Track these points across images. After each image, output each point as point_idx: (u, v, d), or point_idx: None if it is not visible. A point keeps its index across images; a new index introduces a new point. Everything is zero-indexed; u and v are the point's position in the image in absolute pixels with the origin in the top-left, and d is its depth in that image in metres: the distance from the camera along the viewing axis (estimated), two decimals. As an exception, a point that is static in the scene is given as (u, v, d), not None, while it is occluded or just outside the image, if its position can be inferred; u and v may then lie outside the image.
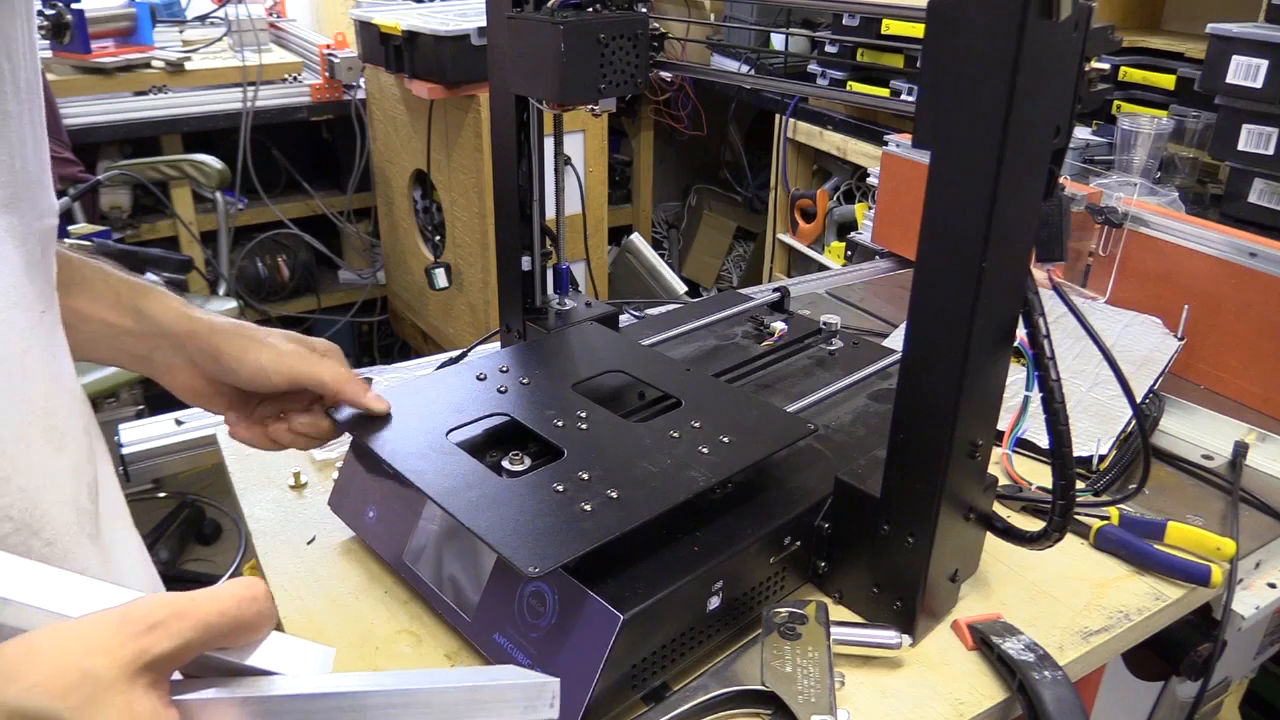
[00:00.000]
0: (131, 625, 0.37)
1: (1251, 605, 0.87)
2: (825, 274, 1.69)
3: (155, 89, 2.58)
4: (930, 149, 0.62)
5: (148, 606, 0.38)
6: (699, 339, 1.08)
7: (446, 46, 2.20)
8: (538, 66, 0.90)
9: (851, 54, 2.33)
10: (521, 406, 0.82)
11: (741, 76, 2.26)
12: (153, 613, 0.37)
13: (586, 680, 0.63)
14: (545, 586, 0.68)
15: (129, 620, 0.37)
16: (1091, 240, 1.27)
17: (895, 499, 0.72)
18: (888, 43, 2.18)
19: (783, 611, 0.73)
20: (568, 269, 1.08)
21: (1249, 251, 1.11)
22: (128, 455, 1.09)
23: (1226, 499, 0.97)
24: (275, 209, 2.89)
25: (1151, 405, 1.09)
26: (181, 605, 0.38)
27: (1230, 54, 1.47)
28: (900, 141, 1.56)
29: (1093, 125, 1.86)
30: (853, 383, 0.97)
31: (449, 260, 2.54)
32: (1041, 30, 0.56)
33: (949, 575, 0.76)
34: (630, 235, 3.08)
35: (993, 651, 0.73)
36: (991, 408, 0.72)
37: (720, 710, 0.68)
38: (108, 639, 0.36)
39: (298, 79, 2.76)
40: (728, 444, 0.76)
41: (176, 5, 2.94)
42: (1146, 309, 1.21)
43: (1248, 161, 1.50)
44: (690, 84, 2.96)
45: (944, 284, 0.64)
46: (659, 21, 0.95)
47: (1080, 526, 0.88)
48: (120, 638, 0.37)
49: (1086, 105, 0.65)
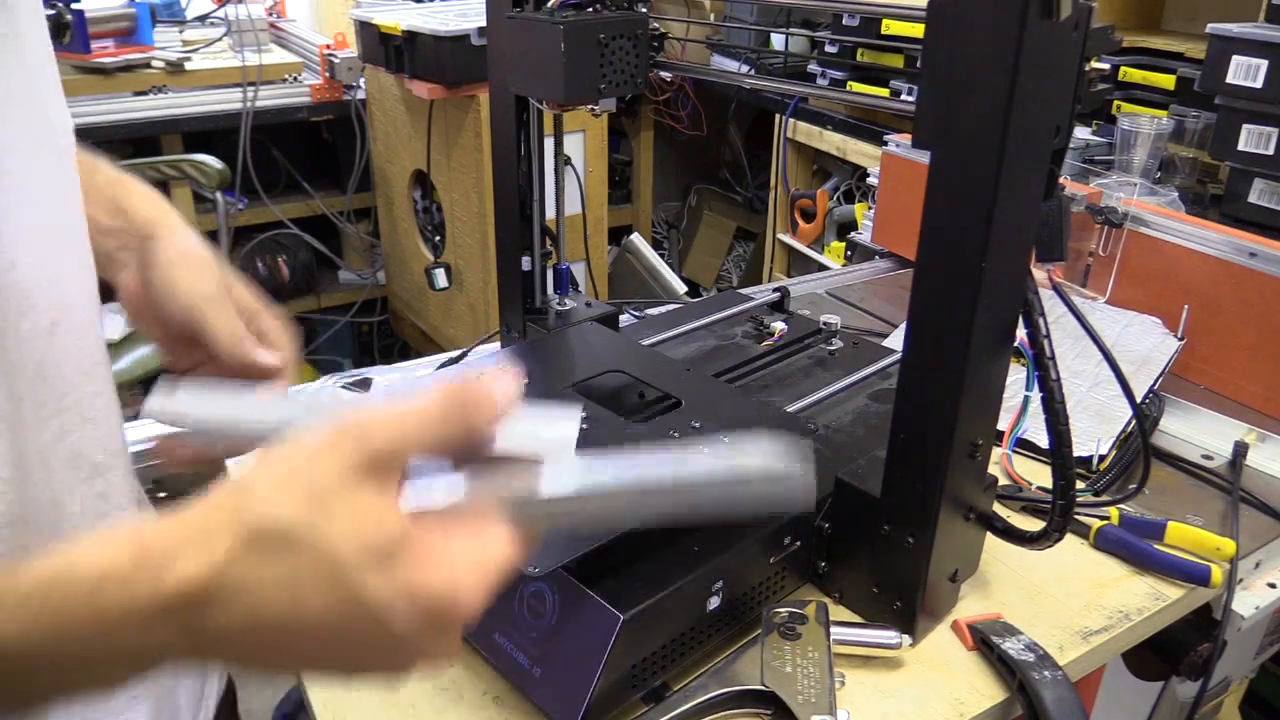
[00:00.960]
0: (351, 437, 0.38)
1: (1251, 605, 0.87)
2: (825, 274, 1.69)
3: (155, 89, 2.58)
4: (930, 149, 0.62)
5: (368, 419, 0.39)
6: (699, 339, 1.08)
7: (446, 46, 2.20)
8: (538, 66, 0.90)
9: (851, 54, 2.33)
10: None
11: (741, 76, 2.26)
12: (374, 426, 0.39)
13: (586, 680, 0.63)
14: (545, 586, 0.68)
15: (346, 433, 0.38)
16: (1091, 240, 1.27)
17: (895, 499, 0.72)
18: (888, 43, 2.18)
19: (783, 611, 0.73)
20: (568, 269, 1.08)
21: (1249, 251, 1.11)
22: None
23: (1226, 499, 0.97)
24: (275, 209, 2.89)
25: (1151, 405, 1.09)
26: (400, 421, 0.39)
27: (1230, 54, 1.47)
28: (900, 141, 1.56)
29: (1093, 125, 1.86)
30: (853, 383, 0.97)
31: (449, 260, 2.54)
32: (1041, 30, 0.56)
33: (949, 575, 0.76)
34: (630, 235, 3.08)
35: (993, 651, 0.73)
36: (991, 408, 0.72)
37: (720, 710, 0.68)
38: (325, 445, 0.38)
39: (298, 79, 2.76)
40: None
41: (176, 5, 2.93)
42: (1146, 309, 1.21)
43: (1248, 161, 1.50)
44: (690, 84, 2.96)
45: (944, 284, 0.64)
46: (659, 21, 0.95)
47: (1080, 526, 0.88)
48: (346, 447, 0.38)
49: (1086, 105, 0.65)
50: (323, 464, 0.37)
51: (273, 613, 0.37)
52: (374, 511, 0.37)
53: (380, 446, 0.38)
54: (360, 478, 0.38)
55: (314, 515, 0.37)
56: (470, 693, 0.70)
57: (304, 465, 0.38)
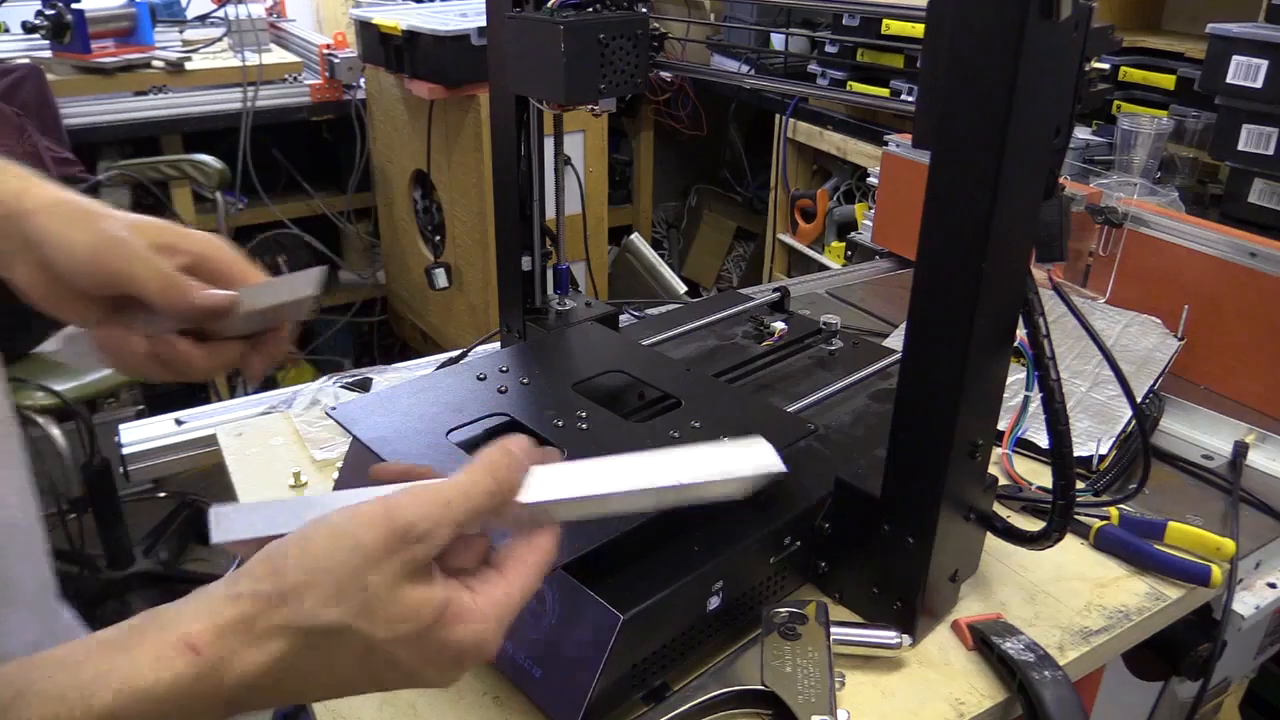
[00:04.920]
0: (397, 538, 0.42)
1: (1251, 605, 0.87)
2: (825, 274, 1.69)
3: (155, 89, 2.58)
4: (930, 149, 0.62)
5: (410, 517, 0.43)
6: (699, 339, 1.08)
7: (446, 46, 2.20)
8: (538, 66, 0.90)
9: (851, 54, 2.33)
10: (521, 406, 0.82)
11: (741, 76, 2.26)
12: (416, 525, 0.43)
13: (586, 680, 0.63)
14: (545, 586, 0.67)
15: (394, 533, 0.42)
16: (1091, 240, 1.27)
17: (895, 499, 0.72)
18: (888, 43, 2.18)
19: (783, 611, 0.73)
20: (568, 269, 1.08)
21: (1249, 251, 1.11)
22: (128, 455, 1.09)
23: (1226, 499, 0.97)
24: (275, 209, 2.89)
25: (1151, 405, 1.09)
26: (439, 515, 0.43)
27: (1230, 54, 1.47)
28: (900, 141, 1.56)
29: (1093, 125, 1.86)
30: (853, 383, 0.97)
31: (449, 260, 2.54)
32: (1041, 30, 0.56)
33: (949, 575, 0.76)
34: (630, 235, 3.08)
35: (993, 651, 0.73)
36: (991, 408, 0.72)
37: (720, 710, 0.68)
38: (378, 551, 0.42)
39: (298, 79, 2.76)
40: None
41: (176, 5, 2.93)
42: (1146, 309, 1.21)
43: (1248, 161, 1.50)
44: (690, 84, 2.96)
45: (944, 284, 0.64)
46: (659, 21, 0.95)
47: (1080, 526, 0.88)
48: (390, 548, 0.42)
49: (1086, 105, 0.65)
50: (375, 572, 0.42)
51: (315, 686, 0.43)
52: (413, 605, 0.43)
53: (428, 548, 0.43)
54: (407, 583, 0.43)
55: (363, 621, 0.42)
56: (470, 693, 0.70)
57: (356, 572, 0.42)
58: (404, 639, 0.42)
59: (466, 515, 0.44)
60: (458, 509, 0.44)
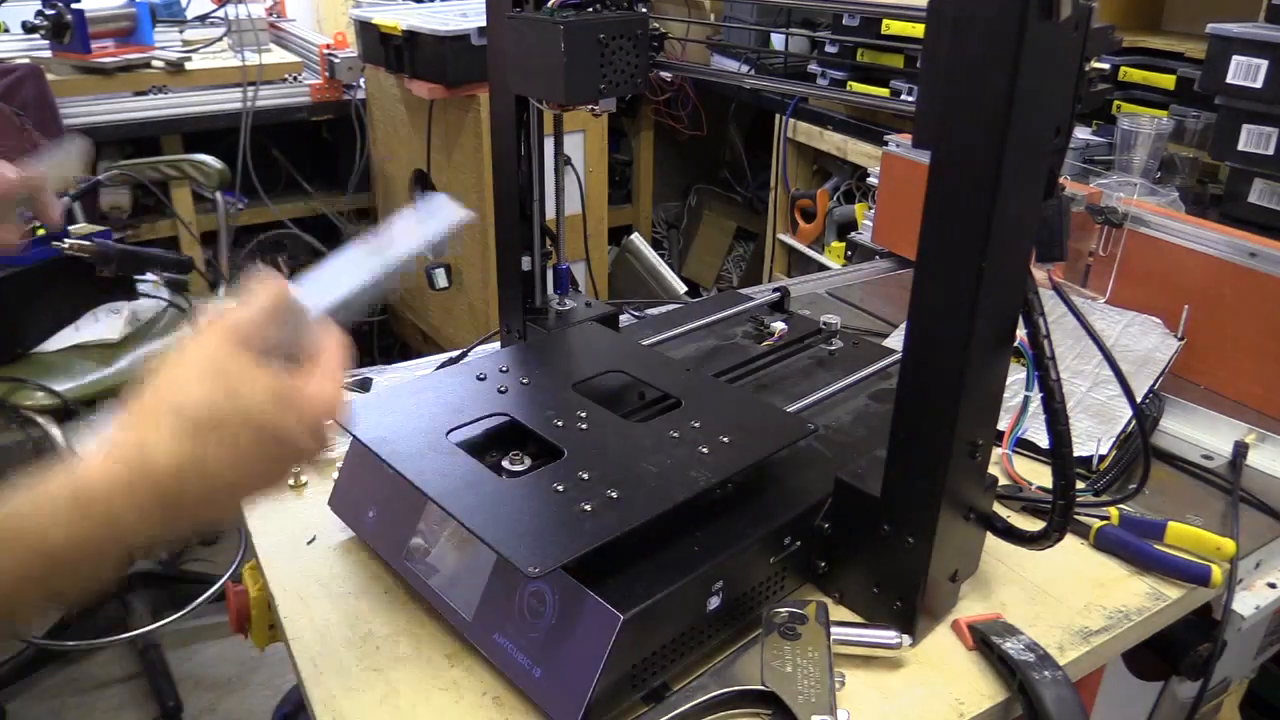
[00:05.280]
0: (233, 335, 0.55)
1: (1251, 605, 0.87)
2: (825, 274, 1.69)
3: (155, 89, 2.58)
4: (930, 149, 0.62)
5: (233, 322, 0.56)
6: (699, 339, 1.08)
7: (446, 46, 2.20)
8: (539, 66, 0.90)
9: (851, 54, 2.33)
10: (521, 406, 0.82)
11: (741, 76, 2.26)
12: (241, 326, 0.56)
13: (586, 680, 0.63)
14: (545, 586, 0.68)
15: (227, 331, 0.55)
16: (1091, 240, 1.27)
17: (895, 499, 0.72)
18: (888, 43, 2.18)
19: (783, 611, 0.73)
20: (568, 269, 1.08)
21: (1249, 251, 1.11)
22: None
23: (1226, 499, 0.97)
24: (275, 209, 2.89)
25: (1151, 405, 1.09)
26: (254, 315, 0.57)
27: (1230, 54, 1.47)
28: (900, 141, 1.56)
29: (1093, 125, 1.86)
30: (853, 383, 0.97)
31: (449, 260, 2.54)
32: (1041, 30, 0.56)
33: (949, 575, 0.76)
34: (630, 235, 3.08)
35: (993, 651, 0.73)
36: (991, 408, 0.72)
37: (720, 710, 0.68)
38: (222, 347, 0.55)
39: (298, 79, 2.76)
40: (728, 444, 0.76)
41: (176, 5, 2.93)
42: (1146, 309, 1.21)
43: (1248, 161, 1.50)
44: (690, 84, 2.96)
45: (944, 284, 0.64)
46: (659, 21, 0.95)
47: (1080, 526, 0.88)
48: (231, 343, 0.55)
49: (1086, 105, 0.65)
50: (228, 361, 0.54)
51: (222, 475, 0.52)
52: (267, 375, 0.54)
53: (260, 342, 0.56)
54: (256, 366, 0.54)
55: (233, 399, 0.52)
56: (470, 693, 0.70)
57: (212, 362, 0.53)
58: (271, 404, 0.53)
59: (274, 309, 0.58)
60: (264, 305, 0.57)
